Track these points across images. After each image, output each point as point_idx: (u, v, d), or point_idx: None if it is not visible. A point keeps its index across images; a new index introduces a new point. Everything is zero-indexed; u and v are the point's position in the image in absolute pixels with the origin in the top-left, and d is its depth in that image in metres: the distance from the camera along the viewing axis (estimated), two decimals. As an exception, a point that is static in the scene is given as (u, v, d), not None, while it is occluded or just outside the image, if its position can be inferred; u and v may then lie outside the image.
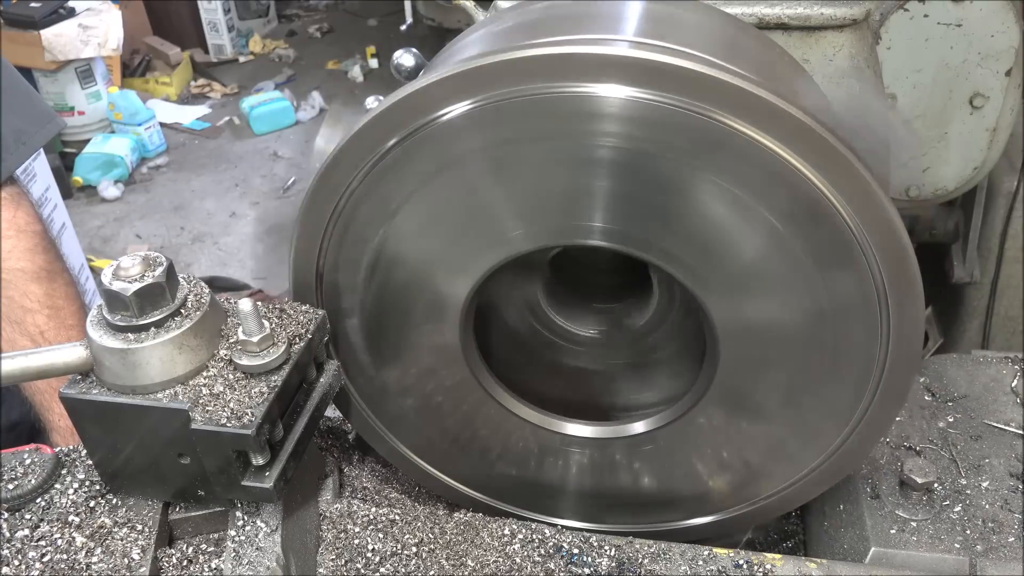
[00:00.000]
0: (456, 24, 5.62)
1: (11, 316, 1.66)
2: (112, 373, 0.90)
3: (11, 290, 1.67)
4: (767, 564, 1.02)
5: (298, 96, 7.44)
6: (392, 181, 0.96)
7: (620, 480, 1.15)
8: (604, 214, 0.94)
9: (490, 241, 0.99)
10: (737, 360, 1.00)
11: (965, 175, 1.82)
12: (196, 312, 0.92)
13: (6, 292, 1.66)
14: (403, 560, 1.02)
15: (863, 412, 1.00)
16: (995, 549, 1.07)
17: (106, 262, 4.87)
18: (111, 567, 0.92)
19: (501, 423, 1.13)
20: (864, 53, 1.41)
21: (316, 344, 1.00)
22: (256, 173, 6.52)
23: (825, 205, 0.87)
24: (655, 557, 1.03)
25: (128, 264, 0.90)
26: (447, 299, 1.03)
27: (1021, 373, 1.34)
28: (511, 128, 0.90)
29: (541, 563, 1.02)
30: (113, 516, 0.97)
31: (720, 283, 0.95)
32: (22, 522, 0.97)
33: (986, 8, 1.62)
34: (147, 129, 6.61)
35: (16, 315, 1.66)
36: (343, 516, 1.07)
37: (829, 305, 0.93)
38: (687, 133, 0.87)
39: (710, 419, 1.06)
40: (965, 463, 1.19)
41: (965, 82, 1.70)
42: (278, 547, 0.94)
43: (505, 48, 0.92)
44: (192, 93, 7.79)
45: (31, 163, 3.81)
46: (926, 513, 1.11)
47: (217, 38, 8.33)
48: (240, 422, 0.86)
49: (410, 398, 1.13)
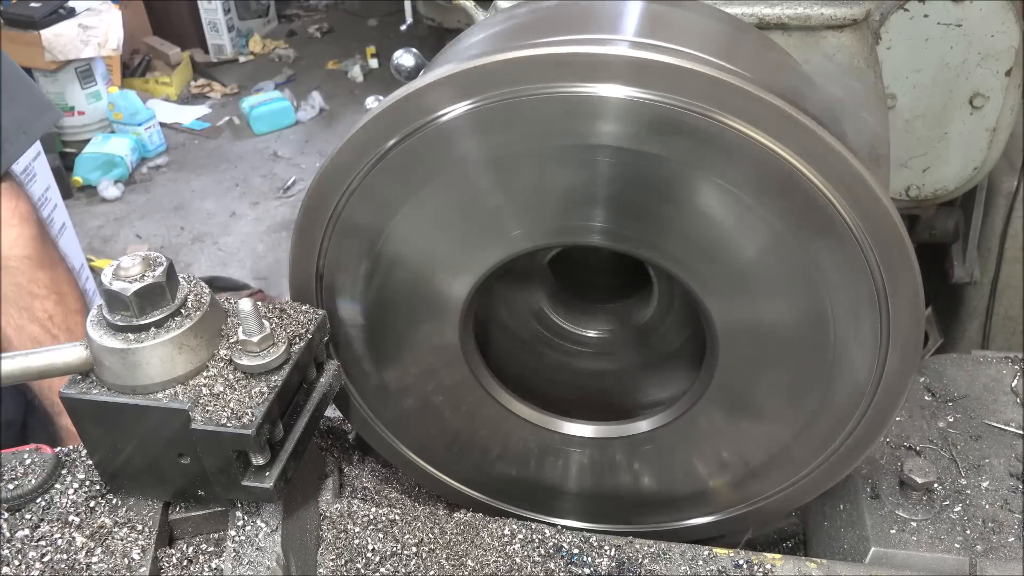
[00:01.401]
0: (456, 24, 5.62)
1: (20, 303, 1.69)
2: (112, 373, 0.90)
3: (19, 277, 1.71)
4: (767, 564, 1.02)
5: (298, 96, 7.44)
6: (392, 181, 0.96)
7: (620, 480, 1.15)
8: (604, 214, 0.94)
9: (490, 241, 0.99)
10: (737, 360, 1.00)
11: (965, 175, 1.82)
12: (196, 312, 0.92)
13: (14, 280, 1.70)
14: (403, 560, 1.02)
15: (863, 412, 1.00)
16: (995, 549, 1.07)
17: (106, 262, 4.88)
18: (111, 567, 0.92)
19: (501, 423, 1.13)
20: (864, 53, 1.41)
21: (316, 344, 1.00)
22: (256, 173, 6.52)
23: (825, 205, 0.87)
24: (655, 557, 1.03)
25: (128, 264, 0.90)
26: (447, 299, 1.03)
27: (1021, 373, 1.34)
28: (511, 128, 0.90)
29: (541, 563, 1.02)
30: (113, 516, 0.97)
31: (720, 283, 0.95)
32: (22, 522, 0.97)
33: (986, 8, 1.62)
34: (147, 129, 6.61)
35: (25, 301, 1.70)
36: (343, 516, 1.07)
37: (829, 305, 0.93)
38: (687, 133, 0.87)
39: (710, 419, 1.06)
40: (965, 463, 1.19)
41: (965, 82, 1.70)
42: (278, 547, 0.94)
43: (505, 48, 0.92)
44: (192, 93, 7.79)
45: (31, 163, 3.82)
46: (926, 513, 1.11)
47: (217, 38, 8.33)
48: (240, 422, 0.86)
49: (410, 398, 1.13)
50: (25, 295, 1.70)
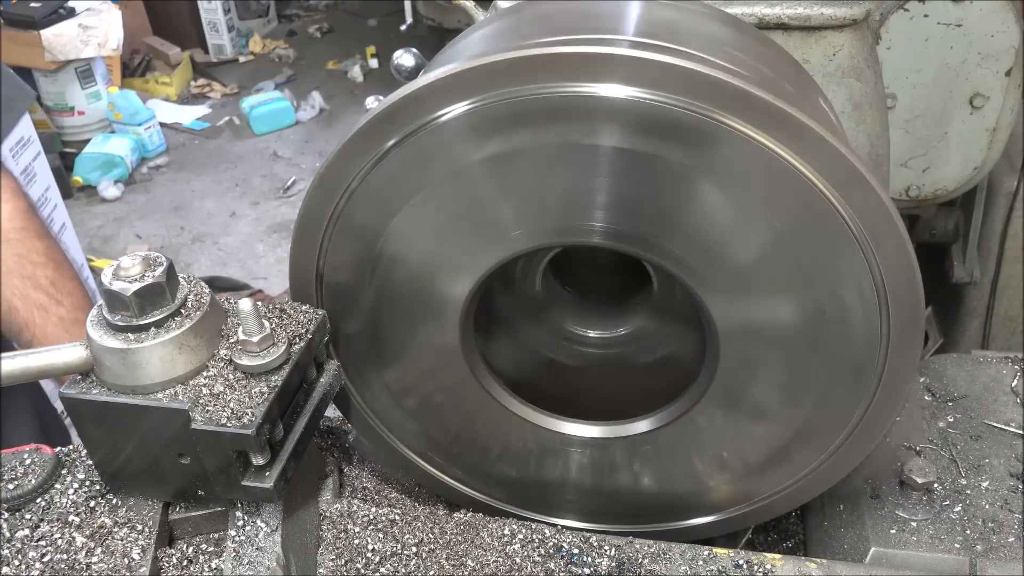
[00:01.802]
0: (456, 24, 5.63)
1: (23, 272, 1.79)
2: (112, 373, 0.90)
3: (19, 247, 1.80)
4: (767, 564, 1.02)
5: (298, 96, 7.44)
6: (392, 181, 0.96)
7: (620, 480, 1.15)
8: (604, 214, 0.94)
9: (490, 241, 0.99)
10: (737, 360, 1.00)
11: (965, 175, 1.82)
12: (196, 312, 0.92)
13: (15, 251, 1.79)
14: (403, 560, 1.02)
15: (863, 412, 1.00)
16: (995, 549, 1.07)
17: (106, 262, 4.87)
18: (111, 567, 0.92)
19: (501, 423, 1.13)
20: (864, 53, 1.41)
21: (316, 344, 1.00)
22: (256, 173, 6.52)
23: (825, 205, 0.87)
24: (655, 557, 1.03)
25: (128, 264, 0.90)
26: (447, 299, 1.03)
27: (1021, 373, 1.35)
28: (511, 128, 0.90)
29: (541, 563, 1.02)
30: (113, 516, 0.97)
31: (720, 283, 0.95)
32: (22, 522, 0.97)
33: (986, 8, 1.63)
34: (147, 129, 6.61)
35: (28, 271, 1.79)
36: (343, 516, 1.07)
37: (829, 305, 0.93)
38: (687, 133, 0.87)
39: (710, 419, 1.06)
40: (965, 463, 1.19)
41: (965, 82, 1.70)
42: (278, 547, 0.94)
43: (505, 48, 0.92)
44: (192, 93, 7.79)
45: (31, 163, 3.83)
46: (926, 513, 1.12)
47: (217, 38, 8.33)
48: (240, 422, 0.86)
49: (410, 398, 1.13)
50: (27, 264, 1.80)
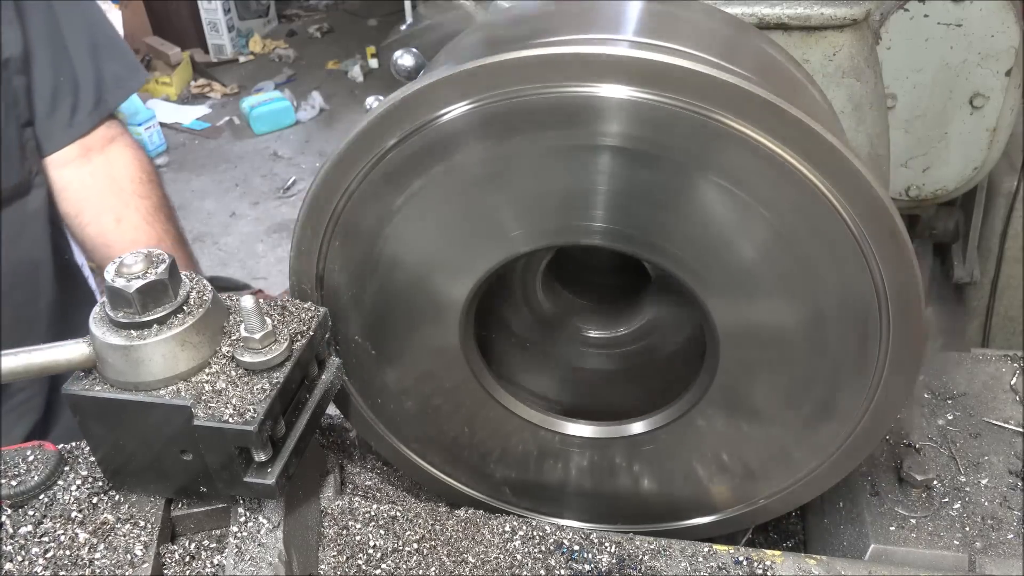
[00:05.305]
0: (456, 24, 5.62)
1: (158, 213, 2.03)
2: (115, 370, 0.90)
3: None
4: (767, 561, 1.03)
5: (298, 96, 7.44)
6: (392, 182, 0.96)
7: (620, 481, 1.15)
8: (604, 214, 0.94)
9: (490, 241, 0.99)
10: (737, 361, 1.00)
11: (965, 175, 1.83)
12: (198, 309, 0.93)
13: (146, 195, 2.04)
14: (404, 556, 1.02)
15: (863, 413, 1.00)
16: (994, 546, 1.07)
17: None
18: (114, 563, 0.92)
19: (501, 424, 1.13)
20: (864, 53, 1.42)
21: (318, 341, 1.00)
22: (256, 173, 6.52)
23: (825, 205, 0.88)
24: (655, 554, 1.04)
25: (131, 261, 0.91)
26: (447, 300, 1.03)
27: (1020, 371, 1.35)
28: (511, 128, 0.90)
29: (542, 560, 1.03)
30: (116, 512, 0.98)
31: (720, 284, 0.96)
32: (25, 518, 0.97)
33: (986, 8, 1.63)
34: (147, 129, 6.61)
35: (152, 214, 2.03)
36: (344, 513, 1.08)
37: (829, 306, 0.93)
38: (687, 133, 0.87)
39: (710, 420, 1.06)
40: (964, 460, 1.20)
41: (965, 82, 1.71)
42: (280, 543, 0.94)
43: (505, 48, 0.92)
44: (192, 93, 7.79)
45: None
46: (925, 510, 1.12)
47: (217, 38, 8.33)
48: (242, 419, 0.87)
49: (411, 399, 1.13)
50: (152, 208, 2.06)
